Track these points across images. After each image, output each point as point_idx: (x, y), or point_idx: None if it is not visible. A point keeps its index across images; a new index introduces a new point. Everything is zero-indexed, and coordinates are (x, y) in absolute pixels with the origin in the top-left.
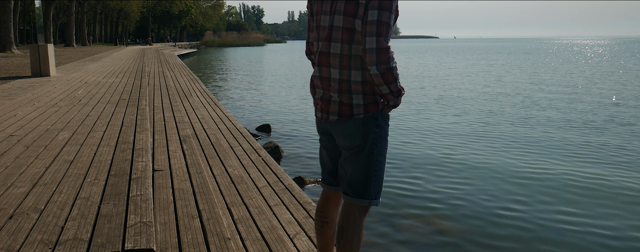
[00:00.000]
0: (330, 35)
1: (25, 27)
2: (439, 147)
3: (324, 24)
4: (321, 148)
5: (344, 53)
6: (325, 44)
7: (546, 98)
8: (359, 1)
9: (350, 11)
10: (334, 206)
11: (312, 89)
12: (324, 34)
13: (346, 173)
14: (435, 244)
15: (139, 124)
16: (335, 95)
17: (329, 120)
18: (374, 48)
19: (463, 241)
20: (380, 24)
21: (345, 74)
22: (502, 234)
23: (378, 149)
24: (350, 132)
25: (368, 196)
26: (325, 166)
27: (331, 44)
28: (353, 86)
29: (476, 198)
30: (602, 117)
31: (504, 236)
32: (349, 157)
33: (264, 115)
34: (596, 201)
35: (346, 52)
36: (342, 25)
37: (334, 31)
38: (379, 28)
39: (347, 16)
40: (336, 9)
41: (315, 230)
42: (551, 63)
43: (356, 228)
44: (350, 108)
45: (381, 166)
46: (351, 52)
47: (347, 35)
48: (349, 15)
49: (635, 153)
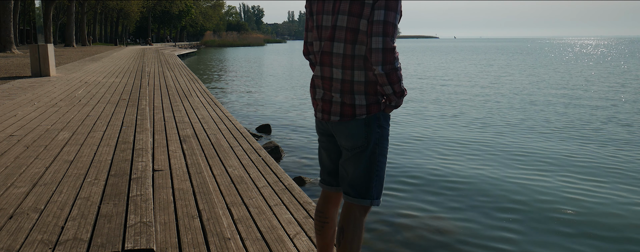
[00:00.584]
0: (333, 35)
1: (26, 27)
2: (439, 146)
3: (326, 23)
4: (320, 149)
5: (347, 53)
6: (328, 43)
7: (546, 98)
8: (365, 1)
9: (356, 11)
10: (334, 206)
11: (312, 89)
12: (327, 34)
13: (348, 173)
14: (435, 244)
15: (139, 124)
16: (337, 96)
17: (331, 121)
18: (380, 48)
19: (463, 241)
20: (387, 24)
21: (348, 74)
22: (502, 234)
23: (379, 149)
24: (353, 132)
25: (369, 196)
26: (325, 166)
27: (334, 44)
28: (356, 86)
29: (476, 198)
30: (601, 118)
31: (504, 236)
32: (351, 157)
33: (264, 115)
34: (596, 200)
35: (349, 52)
36: (346, 25)
37: (337, 31)
38: (385, 28)
39: (352, 16)
40: (340, 9)
41: (315, 230)
42: (552, 63)
43: (357, 228)
44: (352, 108)
45: (382, 166)
46: (354, 53)
47: (350, 36)
48: (354, 15)
49: (637, 154)
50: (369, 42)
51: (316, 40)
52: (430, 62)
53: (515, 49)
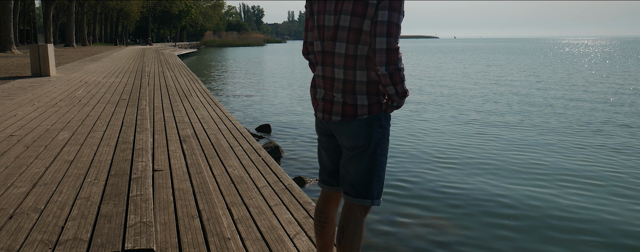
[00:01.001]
0: (336, 35)
1: (26, 27)
2: (438, 146)
3: (328, 23)
4: (320, 148)
5: (350, 53)
6: (330, 43)
7: (545, 98)
8: (369, 1)
9: (359, 11)
10: (334, 206)
11: (313, 88)
12: (329, 34)
13: (348, 173)
14: (435, 244)
15: (139, 124)
16: (339, 96)
17: (332, 121)
18: (384, 48)
19: (463, 241)
20: (391, 24)
21: (350, 74)
22: (502, 233)
23: (380, 149)
24: (354, 132)
25: (370, 195)
26: (325, 166)
27: (336, 44)
28: (358, 87)
29: (476, 198)
30: (604, 115)
31: (504, 235)
32: (352, 157)
33: (264, 115)
34: (596, 199)
35: (352, 53)
36: (349, 25)
37: (339, 31)
38: (389, 29)
39: (355, 16)
40: (343, 9)
41: (314, 230)
42: (551, 63)
43: (357, 228)
44: (354, 108)
45: (383, 166)
46: (357, 53)
47: (353, 36)
48: (357, 16)
49: (637, 152)
50: (372, 42)
51: (317, 40)
52: (428, 62)
53: (515, 49)
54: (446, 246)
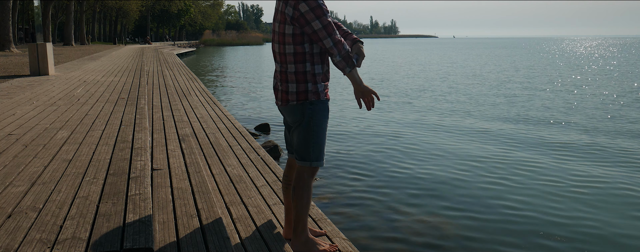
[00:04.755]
0: (274, 38)
1: (24, 26)
2: (438, 146)
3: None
4: (284, 126)
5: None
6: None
7: (545, 97)
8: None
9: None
10: (295, 171)
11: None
12: (273, 37)
13: (294, 142)
14: (435, 244)
15: (137, 123)
16: (279, 84)
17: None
18: (332, 45)
19: (463, 240)
20: (321, 29)
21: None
22: (502, 232)
23: (314, 122)
24: (291, 111)
25: (309, 158)
26: (287, 139)
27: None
28: (289, 77)
29: (476, 197)
30: (601, 115)
31: (504, 235)
32: (294, 130)
33: (263, 114)
34: (596, 198)
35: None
36: (278, 31)
37: (276, 35)
38: (327, 31)
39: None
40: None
41: (282, 192)
42: (552, 63)
43: (305, 187)
44: (287, 94)
45: (319, 135)
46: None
47: (281, 38)
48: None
49: (636, 151)
50: (322, 45)
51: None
52: (427, 62)
53: (515, 49)
54: (446, 245)
